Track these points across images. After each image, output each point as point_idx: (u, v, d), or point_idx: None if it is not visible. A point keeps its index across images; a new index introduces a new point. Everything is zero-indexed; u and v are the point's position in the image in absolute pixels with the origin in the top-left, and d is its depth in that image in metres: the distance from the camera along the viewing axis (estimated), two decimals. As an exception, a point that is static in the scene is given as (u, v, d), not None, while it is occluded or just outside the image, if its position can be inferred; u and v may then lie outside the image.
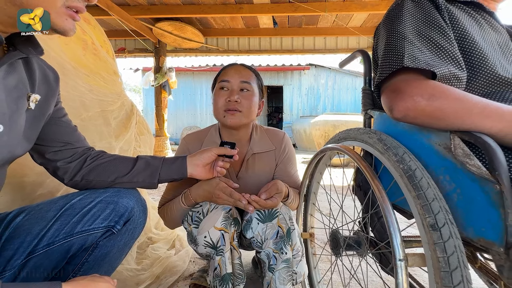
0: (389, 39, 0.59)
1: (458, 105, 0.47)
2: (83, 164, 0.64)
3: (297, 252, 0.80)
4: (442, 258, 0.41)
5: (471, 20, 0.60)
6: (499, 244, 0.41)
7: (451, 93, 0.49)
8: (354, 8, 3.45)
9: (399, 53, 0.55)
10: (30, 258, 0.53)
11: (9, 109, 0.48)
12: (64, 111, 0.65)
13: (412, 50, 0.54)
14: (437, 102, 0.48)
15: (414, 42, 0.55)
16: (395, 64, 0.55)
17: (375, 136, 0.62)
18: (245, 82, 0.90)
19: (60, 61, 0.95)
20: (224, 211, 0.79)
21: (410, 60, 0.52)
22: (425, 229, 0.45)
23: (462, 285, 0.40)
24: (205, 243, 0.77)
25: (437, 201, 0.46)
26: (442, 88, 0.49)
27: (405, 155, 0.54)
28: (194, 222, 0.81)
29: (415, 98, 0.50)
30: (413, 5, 0.61)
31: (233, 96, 0.87)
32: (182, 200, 0.85)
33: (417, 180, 0.49)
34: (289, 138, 1.05)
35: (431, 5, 0.59)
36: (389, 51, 0.58)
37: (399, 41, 0.56)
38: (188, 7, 3.59)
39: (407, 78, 0.53)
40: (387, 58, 0.58)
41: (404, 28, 0.58)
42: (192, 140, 0.99)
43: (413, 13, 0.59)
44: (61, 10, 0.46)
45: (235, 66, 0.94)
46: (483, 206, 0.43)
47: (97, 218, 0.59)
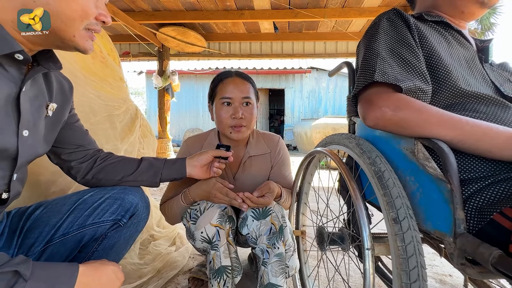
0: (366, 55, 0.67)
1: (419, 115, 0.54)
2: (93, 165, 0.72)
3: (289, 247, 0.88)
4: (401, 247, 0.48)
5: (440, 37, 0.67)
6: (449, 235, 0.48)
7: (413, 105, 0.56)
8: (352, 14, 3.53)
9: (372, 68, 0.62)
10: (48, 246, 0.61)
11: (32, 117, 0.55)
12: (77, 117, 0.73)
13: (383, 66, 0.61)
14: (401, 113, 0.55)
15: (386, 59, 0.62)
16: (368, 78, 0.62)
17: (354, 141, 0.69)
18: (246, 97, 0.95)
19: (72, 70, 1.04)
20: (219, 209, 0.86)
21: (380, 75, 0.59)
22: (389, 222, 0.52)
23: (416, 270, 0.47)
24: (201, 238, 0.84)
25: (400, 199, 0.53)
26: (406, 100, 0.56)
27: (377, 158, 0.61)
28: (192, 218, 0.88)
29: (383, 109, 0.57)
30: (388, 24, 0.68)
31: (238, 113, 0.93)
32: (182, 199, 0.92)
33: (385, 180, 0.56)
34: (283, 142, 1.13)
35: (404, 24, 0.66)
36: (364, 66, 0.65)
37: (373, 57, 0.64)
38: (191, 13, 3.69)
39: (378, 91, 0.61)
40: (362, 73, 0.65)
41: (378, 45, 0.65)
42: (193, 143, 1.07)
43: (387, 32, 0.67)
44: (83, 33, 0.54)
45: (234, 80, 0.97)
46: (439, 203, 0.50)
47: (106, 212, 0.66)
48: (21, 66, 0.52)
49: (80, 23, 0.52)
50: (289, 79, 10.11)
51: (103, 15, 0.55)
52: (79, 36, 0.53)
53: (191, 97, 10.29)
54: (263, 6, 3.49)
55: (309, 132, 7.11)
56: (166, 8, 3.64)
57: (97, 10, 0.54)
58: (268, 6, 3.51)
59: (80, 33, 0.53)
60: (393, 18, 0.67)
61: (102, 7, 0.55)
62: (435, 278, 1.23)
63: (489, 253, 0.40)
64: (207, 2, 3.43)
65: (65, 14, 0.50)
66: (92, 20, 0.54)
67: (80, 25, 0.52)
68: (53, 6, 0.49)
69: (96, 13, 0.54)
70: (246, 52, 5.00)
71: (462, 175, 0.53)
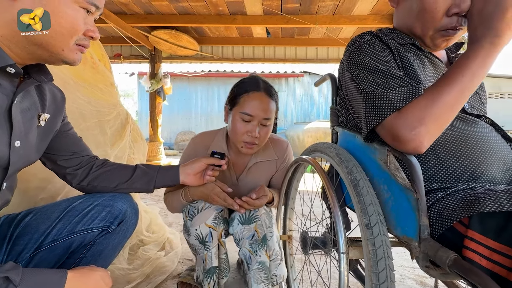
0: (363, 90, 0.64)
1: (433, 104, 0.53)
2: (89, 171, 0.74)
3: (275, 257, 0.91)
4: (372, 250, 0.52)
5: (416, 58, 0.69)
6: (415, 239, 0.52)
7: (422, 104, 0.54)
8: (343, 21, 3.62)
9: (378, 103, 0.59)
10: (37, 252, 0.63)
11: (24, 127, 0.57)
12: (70, 125, 0.75)
13: (386, 95, 0.58)
14: (427, 119, 0.53)
15: (383, 85, 0.60)
16: (378, 116, 0.59)
17: (334, 150, 0.73)
18: (267, 119, 0.93)
19: (63, 77, 1.05)
20: (216, 211, 0.90)
21: (389, 107, 0.57)
22: (362, 227, 0.56)
23: (385, 272, 0.51)
24: (196, 234, 0.88)
25: (372, 206, 0.57)
26: (416, 108, 0.55)
27: (353, 167, 0.65)
28: (189, 214, 0.93)
29: (413, 136, 0.53)
30: (369, 47, 0.67)
31: (255, 132, 0.91)
32: (182, 196, 0.96)
33: (359, 189, 0.60)
34: (291, 148, 1.14)
35: (385, 47, 0.67)
36: (368, 100, 0.62)
37: (373, 89, 0.61)
38: (184, 17, 3.72)
39: (393, 123, 0.56)
40: (370, 109, 0.61)
41: (370, 74, 0.63)
42: (201, 142, 1.06)
43: (374, 55, 0.65)
44: (73, 47, 0.56)
45: (261, 97, 0.92)
46: (407, 210, 0.55)
47: (95, 219, 0.68)
48: (13, 79, 0.54)
49: (70, 38, 0.55)
50: (282, 83, 10.20)
51: (91, 31, 0.57)
52: (68, 50, 0.56)
53: (184, 99, 10.25)
54: (255, 11, 3.54)
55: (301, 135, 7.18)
56: (158, 12, 3.65)
57: (86, 26, 0.56)
58: (260, 12, 3.57)
59: (69, 47, 0.55)
60: (372, 41, 0.68)
61: (90, 23, 0.57)
62: (416, 280, 1.28)
63: (446, 256, 0.45)
64: (200, 7, 3.46)
65: (54, 30, 0.52)
66: (80, 35, 0.56)
67: (69, 40, 0.55)
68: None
69: (84, 29, 0.56)
70: (238, 56, 5.04)
71: (428, 186, 0.58)
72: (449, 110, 0.53)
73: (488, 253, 0.44)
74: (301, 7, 3.42)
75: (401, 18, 0.73)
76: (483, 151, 0.59)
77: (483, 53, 0.52)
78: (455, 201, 0.52)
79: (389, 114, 0.57)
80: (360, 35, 0.72)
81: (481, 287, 0.40)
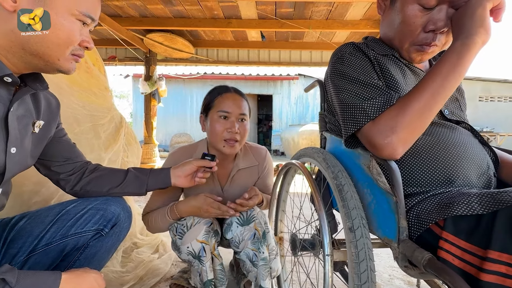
0: (342, 96, 0.67)
1: (405, 111, 0.55)
2: (82, 176, 0.76)
3: (272, 251, 0.94)
4: (355, 252, 0.55)
5: (397, 67, 0.72)
6: (395, 241, 0.55)
7: (394, 112, 0.56)
8: (336, 26, 3.69)
9: (355, 111, 0.63)
10: (31, 255, 0.64)
11: (20, 134, 0.59)
12: (64, 131, 0.77)
13: (362, 105, 0.62)
14: (399, 127, 0.55)
15: (361, 94, 0.64)
16: (356, 124, 0.63)
17: (322, 155, 0.76)
18: (243, 114, 1.00)
19: (57, 82, 1.07)
20: (206, 226, 0.91)
21: (364, 117, 0.61)
22: (346, 230, 0.59)
23: (366, 273, 0.54)
24: (187, 252, 0.88)
25: (355, 210, 0.60)
26: (387, 117, 0.58)
27: (339, 172, 0.68)
28: (178, 233, 0.92)
29: (386, 143, 0.56)
30: (350, 58, 0.70)
31: (234, 127, 0.97)
32: (168, 214, 0.94)
33: (344, 193, 0.63)
34: (270, 155, 1.19)
35: (366, 58, 0.70)
36: (346, 109, 0.66)
37: (351, 98, 0.65)
38: (179, 20, 3.74)
39: (370, 130, 0.60)
40: (347, 117, 0.65)
41: (350, 84, 0.66)
42: (180, 156, 1.05)
43: (354, 66, 0.69)
44: (68, 57, 0.58)
45: (233, 96, 1.01)
46: (387, 213, 0.58)
47: (89, 222, 0.70)
48: (9, 87, 0.56)
49: (66, 49, 0.57)
50: (277, 85, 10.27)
51: (86, 42, 0.60)
52: (64, 60, 0.58)
53: (179, 101, 10.24)
54: (250, 16, 3.58)
55: (296, 138, 7.24)
56: (154, 15, 3.67)
57: (81, 37, 0.59)
58: (255, 16, 3.61)
59: (65, 57, 0.58)
60: (354, 52, 0.71)
61: (85, 34, 0.59)
62: (404, 280, 1.31)
63: (421, 257, 0.48)
64: (195, 10, 3.48)
65: (51, 41, 0.54)
66: (76, 46, 0.58)
67: (65, 51, 0.57)
68: (39, 33, 0.54)
69: (80, 40, 0.58)
70: (233, 59, 5.07)
71: (408, 190, 0.61)
72: (420, 117, 0.55)
73: (460, 253, 0.47)
74: (295, 12, 3.47)
75: (384, 28, 0.76)
76: (460, 157, 0.62)
77: (454, 56, 0.54)
78: (432, 205, 0.55)
79: (364, 123, 0.60)
80: (343, 46, 0.75)
81: (452, 285, 0.43)
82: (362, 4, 3.17)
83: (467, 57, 0.54)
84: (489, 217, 0.46)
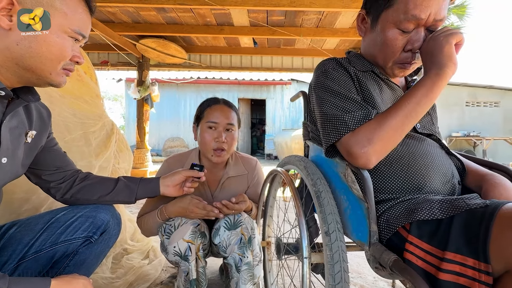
0: (324, 108, 0.72)
1: (381, 127, 0.61)
2: (72, 184, 0.78)
3: (256, 257, 0.97)
4: (329, 255, 0.59)
5: (374, 83, 0.77)
6: (366, 244, 0.59)
7: (372, 126, 0.62)
8: (326, 33, 3.79)
9: (335, 123, 0.68)
10: (21, 263, 0.66)
11: (12, 145, 0.62)
12: (55, 140, 0.79)
13: (343, 117, 0.67)
14: (375, 138, 0.61)
15: (342, 106, 0.68)
16: (335, 135, 0.67)
17: (303, 163, 0.81)
18: (230, 124, 1.07)
19: (48, 90, 1.09)
20: (192, 226, 0.94)
21: (344, 128, 0.66)
22: (323, 234, 0.63)
23: (340, 274, 0.58)
24: (174, 252, 0.91)
25: (331, 215, 0.64)
26: (366, 129, 0.63)
27: (318, 180, 0.72)
28: (166, 233, 0.95)
29: (363, 153, 0.61)
30: (333, 73, 0.75)
31: (221, 137, 1.04)
32: (158, 215, 1.00)
33: (321, 199, 0.67)
34: (260, 165, 1.24)
35: (347, 74, 0.75)
36: (326, 120, 0.70)
37: (332, 110, 0.70)
38: (172, 26, 3.78)
39: (348, 140, 0.64)
40: (328, 128, 0.69)
41: (331, 97, 0.72)
42: (174, 163, 1.14)
43: (336, 80, 0.74)
44: (60, 71, 0.61)
45: (221, 107, 1.08)
46: (361, 218, 0.62)
47: (78, 229, 0.72)
48: (3, 100, 0.59)
49: (58, 64, 0.60)
50: (270, 90, 10.38)
51: (77, 57, 0.63)
52: (55, 74, 0.61)
53: (173, 105, 10.23)
54: (242, 23, 3.65)
55: (289, 142, 7.30)
56: (146, 21, 3.70)
57: (73, 52, 0.62)
58: (247, 23, 3.68)
59: (56, 71, 0.61)
60: (336, 67, 0.76)
61: (76, 50, 0.63)
62: (388, 282, 1.36)
63: (388, 258, 0.52)
64: (188, 17, 3.53)
65: (45, 56, 0.58)
66: (67, 61, 0.62)
67: (57, 66, 0.60)
68: (34, 49, 0.57)
69: (71, 55, 0.62)
70: (226, 65, 5.13)
71: (380, 196, 0.66)
72: (394, 133, 0.62)
73: (423, 254, 0.52)
74: (286, 20, 3.55)
75: (366, 46, 0.81)
76: (427, 166, 0.67)
77: (429, 83, 0.62)
78: (400, 210, 0.60)
79: (345, 134, 0.65)
80: (326, 61, 0.80)
81: (413, 285, 0.47)
82: (351, 14, 3.27)
83: (439, 85, 0.61)
84: (447, 222, 0.51)
